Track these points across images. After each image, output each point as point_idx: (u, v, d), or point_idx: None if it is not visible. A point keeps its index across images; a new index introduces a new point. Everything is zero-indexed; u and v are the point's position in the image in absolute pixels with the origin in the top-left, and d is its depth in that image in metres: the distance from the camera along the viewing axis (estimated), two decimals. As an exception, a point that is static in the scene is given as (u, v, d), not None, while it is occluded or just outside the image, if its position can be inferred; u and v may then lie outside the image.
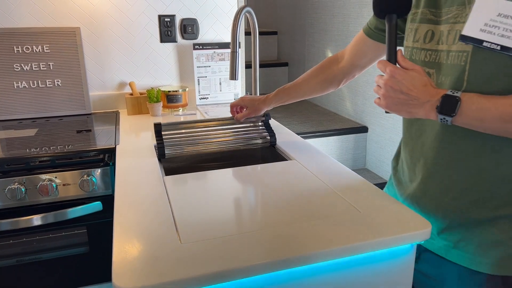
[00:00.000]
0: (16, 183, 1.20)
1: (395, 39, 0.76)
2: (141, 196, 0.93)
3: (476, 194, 0.77)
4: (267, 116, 1.40)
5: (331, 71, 1.13)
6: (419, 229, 0.77)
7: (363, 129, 2.40)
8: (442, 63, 0.77)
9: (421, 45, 0.82)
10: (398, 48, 0.77)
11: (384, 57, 0.79)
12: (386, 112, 0.78)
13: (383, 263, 0.78)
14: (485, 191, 0.76)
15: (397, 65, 0.75)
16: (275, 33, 3.73)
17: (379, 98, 0.77)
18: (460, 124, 0.71)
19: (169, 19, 1.79)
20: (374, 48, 1.02)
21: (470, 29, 0.68)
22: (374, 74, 2.36)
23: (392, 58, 0.75)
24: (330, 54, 2.76)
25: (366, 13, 2.27)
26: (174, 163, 1.34)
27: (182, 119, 1.66)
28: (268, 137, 1.35)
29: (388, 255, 0.77)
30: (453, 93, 0.69)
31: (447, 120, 0.70)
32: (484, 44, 0.67)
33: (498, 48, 0.66)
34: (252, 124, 1.37)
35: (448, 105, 0.69)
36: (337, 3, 2.57)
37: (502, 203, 0.76)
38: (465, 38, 0.69)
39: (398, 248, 0.77)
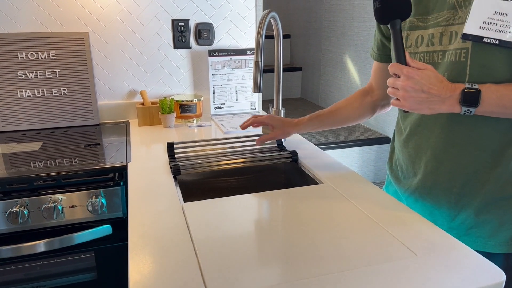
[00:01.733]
0: (18, 206, 1.09)
1: (402, 43, 0.78)
2: (159, 229, 0.81)
3: (484, 176, 0.83)
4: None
5: (367, 98, 1.12)
6: (492, 280, 0.64)
7: (386, 140, 2.27)
8: (437, 62, 0.84)
9: (414, 50, 0.88)
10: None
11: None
12: (405, 112, 0.81)
13: (448, 320, 0.66)
14: (491, 172, 0.82)
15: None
16: (288, 36, 3.61)
17: (397, 99, 0.79)
18: (482, 113, 0.76)
19: (183, 24, 1.68)
20: None
21: (471, 28, 0.76)
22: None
23: (402, 60, 0.78)
24: (348, 60, 2.64)
25: (389, 17, 2.15)
26: (190, 177, 1.22)
27: (196, 130, 1.55)
28: (289, 154, 1.24)
29: (455, 311, 0.65)
30: (471, 85, 0.75)
31: (471, 111, 0.75)
32: (484, 40, 0.75)
33: (497, 42, 0.74)
34: (266, 145, 1.28)
35: (470, 98, 0.74)
36: (357, 6, 2.44)
37: (507, 183, 0.82)
38: (466, 36, 0.76)
39: (466, 303, 0.65)
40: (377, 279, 0.65)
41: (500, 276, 0.66)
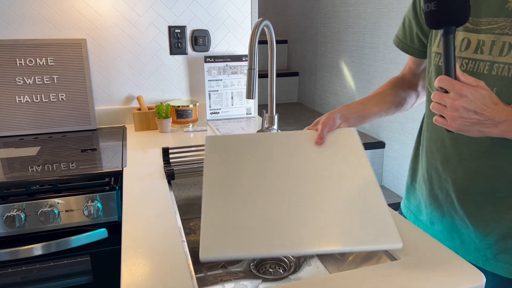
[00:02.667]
0: (15, 210, 1.11)
1: (454, 53, 0.68)
2: (152, 233, 0.84)
3: None
4: None
5: (407, 79, 1.03)
6: (473, 283, 0.67)
7: (380, 145, 2.29)
8: (482, 73, 0.75)
9: (460, 53, 0.78)
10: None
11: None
12: (448, 131, 0.71)
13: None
14: None
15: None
16: (285, 41, 3.64)
17: (442, 117, 0.69)
18: None
19: (179, 30, 1.70)
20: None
21: None
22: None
23: (452, 73, 0.68)
24: (344, 65, 2.67)
25: (383, 24, 2.18)
26: (185, 182, 1.24)
27: (192, 135, 1.57)
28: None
29: (436, 312, 0.67)
30: None
31: None
32: None
33: None
34: None
35: None
36: (353, 12, 2.47)
37: None
38: None
39: (447, 305, 0.67)
40: (358, 282, 0.67)
41: (480, 278, 0.68)
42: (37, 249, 1.13)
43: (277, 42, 3.61)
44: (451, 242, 0.89)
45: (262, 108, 1.49)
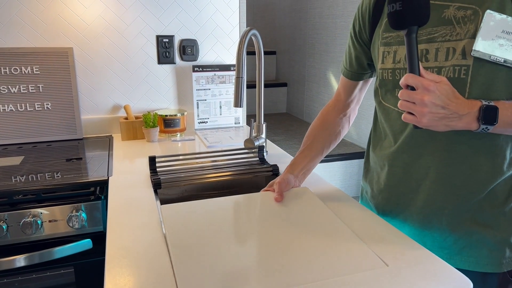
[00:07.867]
0: (-4, 220, 1.09)
1: (417, 52, 0.72)
2: (137, 242, 0.82)
3: (476, 197, 0.82)
4: (260, 151, 1.33)
5: (339, 115, 1.09)
6: (460, 289, 0.67)
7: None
8: None
9: (404, 65, 0.84)
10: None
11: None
12: (416, 127, 0.74)
13: (418, 329, 0.67)
14: (485, 194, 0.82)
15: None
16: (273, 52, 3.67)
17: (410, 114, 0.73)
18: (496, 131, 0.74)
19: (167, 40, 1.70)
20: (362, 84, 1.07)
21: (480, 44, 0.74)
22: (378, 97, 2.28)
23: (417, 71, 0.71)
24: (331, 76, 2.69)
25: (370, 35, 2.21)
26: (172, 191, 1.23)
27: (179, 145, 1.56)
28: (271, 167, 1.26)
29: (424, 320, 0.67)
30: (488, 103, 0.72)
31: (488, 129, 0.72)
32: (492, 57, 0.73)
33: (502, 60, 0.73)
34: (249, 159, 1.31)
35: (489, 115, 0.71)
36: (340, 24, 2.51)
37: (501, 202, 0.82)
38: (476, 53, 0.74)
39: (435, 312, 0.67)
40: (349, 289, 0.66)
41: (467, 285, 0.68)
42: (19, 260, 1.10)
43: (266, 53, 3.63)
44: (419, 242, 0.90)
45: (251, 118, 1.49)
